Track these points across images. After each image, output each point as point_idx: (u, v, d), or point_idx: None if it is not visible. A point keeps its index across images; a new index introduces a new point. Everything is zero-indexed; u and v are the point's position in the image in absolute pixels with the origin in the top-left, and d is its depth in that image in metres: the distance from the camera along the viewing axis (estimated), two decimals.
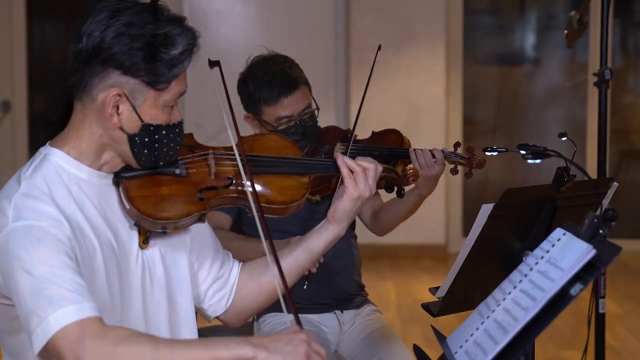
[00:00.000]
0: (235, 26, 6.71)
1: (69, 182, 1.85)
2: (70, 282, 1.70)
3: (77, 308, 1.67)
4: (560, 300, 1.75)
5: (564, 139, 2.32)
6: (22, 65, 6.55)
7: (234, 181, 2.00)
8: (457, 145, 2.96)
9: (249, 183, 1.98)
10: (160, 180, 1.93)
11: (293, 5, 6.72)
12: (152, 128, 1.87)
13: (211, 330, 2.69)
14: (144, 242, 1.95)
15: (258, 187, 2.04)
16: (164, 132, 1.88)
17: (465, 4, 6.87)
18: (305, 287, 2.75)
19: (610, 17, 3.24)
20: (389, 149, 2.93)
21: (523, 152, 2.12)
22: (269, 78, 2.91)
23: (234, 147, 1.97)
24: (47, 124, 1.97)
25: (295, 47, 6.61)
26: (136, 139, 1.86)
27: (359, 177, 2.04)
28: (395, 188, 2.38)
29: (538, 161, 2.12)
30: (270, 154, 2.14)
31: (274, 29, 6.72)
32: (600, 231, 1.80)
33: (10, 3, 6.46)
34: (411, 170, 2.73)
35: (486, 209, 2.14)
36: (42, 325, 1.66)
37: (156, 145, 1.88)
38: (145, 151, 1.88)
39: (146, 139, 1.87)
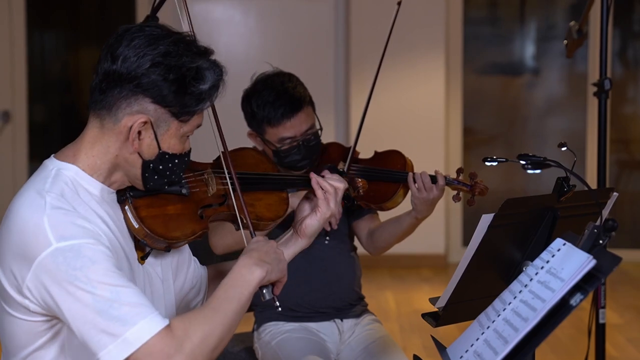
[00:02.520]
0: (234, 35, 6.72)
1: (86, 198, 1.85)
2: (133, 295, 1.72)
3: (150, 320, 1.70)
4: (560, 311, 1.75)
5: (563, 149, 2.31)
6: (22, 76, 6.55)
7: (227, 198, 2.05)
8: (459, 171, 2.92)
9: (241, 199, 2.04)
10: (166, 199, 1.96)
11: (293, 15, 6.73)
12: (167, 156, 1.89)
13: None
14: (142, 259, 1.98)
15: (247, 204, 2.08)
16: (176, 161, 1.91)
17: (464, 14, 6.87)
18: (326, 241, 2.93)
19: (609, 27, 3.24)
20: (389, 171, 2.92)
21: (523, 162, 2.11)
22: (272, 98, 2.86)
23: (224, 167, 2.04)
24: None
25: (295, 57, 6.65)
26: (150, 164, 1.89)
27: (331, 197, 2.11)
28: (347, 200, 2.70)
29: (538, 171, 2.12)
30: (249, 168, 2.20)
31: (273, 39, 6.73)
32: (600, 241, 1.80)
33: (10, 13, 6.47)
34: (361, 183, 2.74)
35: (486, 219, 2.14)
36: (118, 343, 1.68)
37: (167, 172, 1.91)
38: (155, 177, 1.90)
39: (160, 167, 1.89)
